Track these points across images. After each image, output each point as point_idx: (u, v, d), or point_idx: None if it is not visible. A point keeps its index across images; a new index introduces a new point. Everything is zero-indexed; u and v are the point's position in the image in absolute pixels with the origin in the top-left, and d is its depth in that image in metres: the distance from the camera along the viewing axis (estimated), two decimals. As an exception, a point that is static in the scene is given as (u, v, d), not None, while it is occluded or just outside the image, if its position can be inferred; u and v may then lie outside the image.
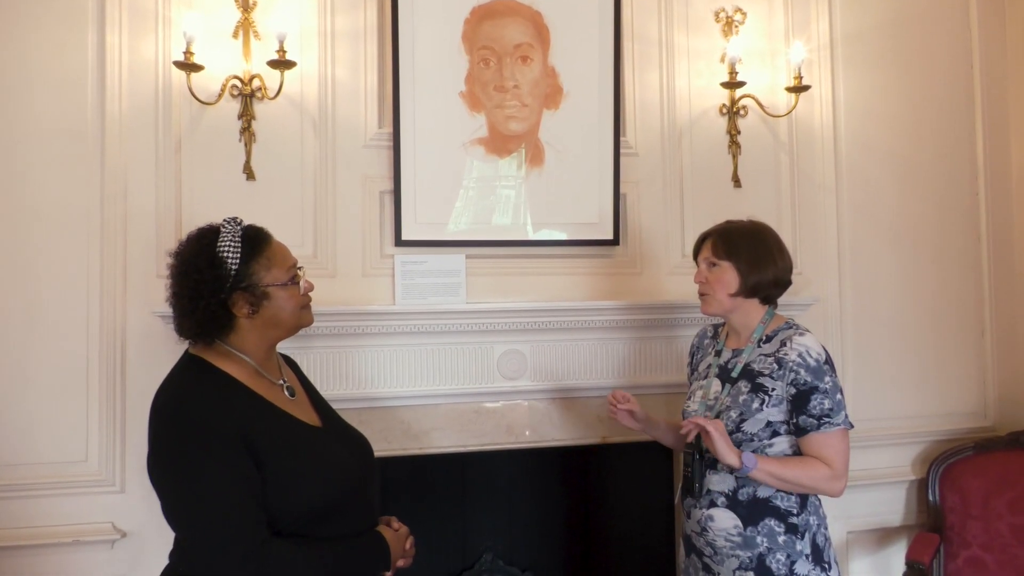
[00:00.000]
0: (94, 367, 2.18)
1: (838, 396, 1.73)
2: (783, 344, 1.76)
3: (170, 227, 2.20)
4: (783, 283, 1.86)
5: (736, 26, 2.67)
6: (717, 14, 2.67)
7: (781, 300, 1.93)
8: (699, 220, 2.59)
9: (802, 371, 1.72)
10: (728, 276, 1.82)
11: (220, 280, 1.41)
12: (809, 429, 1.71)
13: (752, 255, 1.82)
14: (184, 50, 2.12)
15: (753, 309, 1.85)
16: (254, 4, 2.28)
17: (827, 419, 1.71)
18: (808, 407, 1.71)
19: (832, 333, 2.73)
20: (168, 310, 1.48)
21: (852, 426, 1.76)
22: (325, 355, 2.28)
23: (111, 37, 2.21)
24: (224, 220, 1.47)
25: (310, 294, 1.56)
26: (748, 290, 1.82)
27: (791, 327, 1.82)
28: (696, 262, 1.91)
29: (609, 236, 2.53)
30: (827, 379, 1.72)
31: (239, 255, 1.43)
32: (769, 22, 2.72)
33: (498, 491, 2.57)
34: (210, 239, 1.44)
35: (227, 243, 1.43)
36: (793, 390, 1.73)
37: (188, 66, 2.14)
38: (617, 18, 2.52)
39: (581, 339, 2.47)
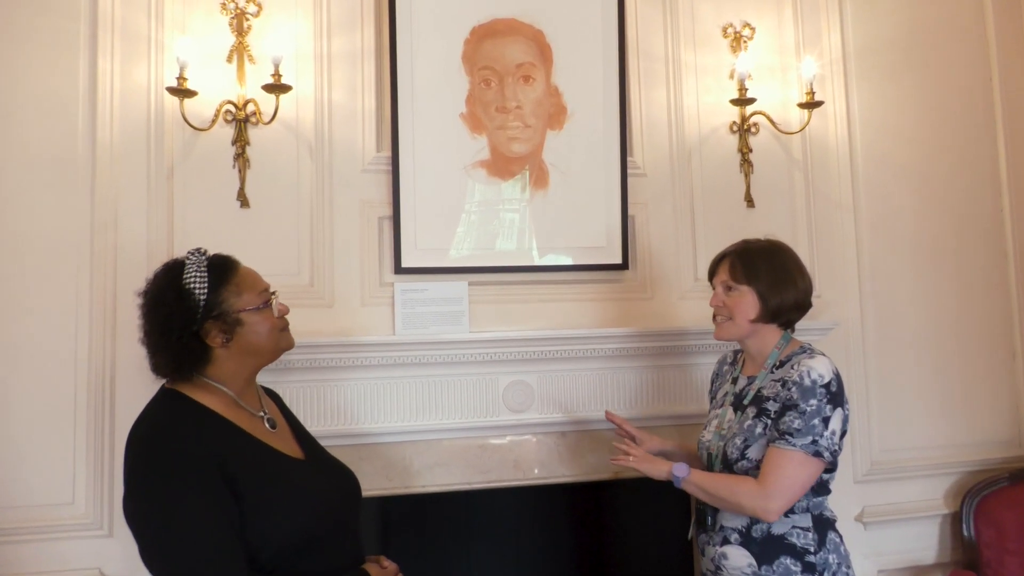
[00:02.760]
0: (82, 403, 2.12)
1: (815, 421, 1.63)
2: (793, 368, 1.71)
3: (162, 257, 2.10)
4: (804, 306, 1.82)
5: (745, 41, 2.61)
6: (725, 29, 2.62)
7: (801, 326, 1.88)
8: (711, 241, 2.54)
9: (794, 389, 1.67)
10: (748, 300, 1.77)
11: (190, 311, 1.40)
12: (770, 442, 1.66)
13: (772, 278, 1.76)
14: (177, 75, 2.10)
15: (770, 334, 1.79)
16: (248, 28, 2.25)
17: (788, 436, 1.63)
18: (780, 421, 1.66)
19: (854, 359, 2.64)
20: None
21: (823, 458, 1.63)
22: (322, 389, 2.21)
23: (103, 62, 2.18)
24: (188, 252, 1.47)
25: (287, 317, 1.55)
26: (769, 315, 1.77)
27: (805, 351, 1.76)
28: (712, 284, 1.86)
29: (618, 260, 2.47)
30: (812, 401, 1.64)
31: (206, 284, 1.42)
32: (779, 37, 2.67)
33: (506, 530, 2.47)
34: (176, 272, 1.44)
35: (192, 274, 1.42)
36: (779, 406, 1.68)
37: (181, 92, 2.12)
38: (621, 35, 2.48)
39: (590, 368, 2.39)
